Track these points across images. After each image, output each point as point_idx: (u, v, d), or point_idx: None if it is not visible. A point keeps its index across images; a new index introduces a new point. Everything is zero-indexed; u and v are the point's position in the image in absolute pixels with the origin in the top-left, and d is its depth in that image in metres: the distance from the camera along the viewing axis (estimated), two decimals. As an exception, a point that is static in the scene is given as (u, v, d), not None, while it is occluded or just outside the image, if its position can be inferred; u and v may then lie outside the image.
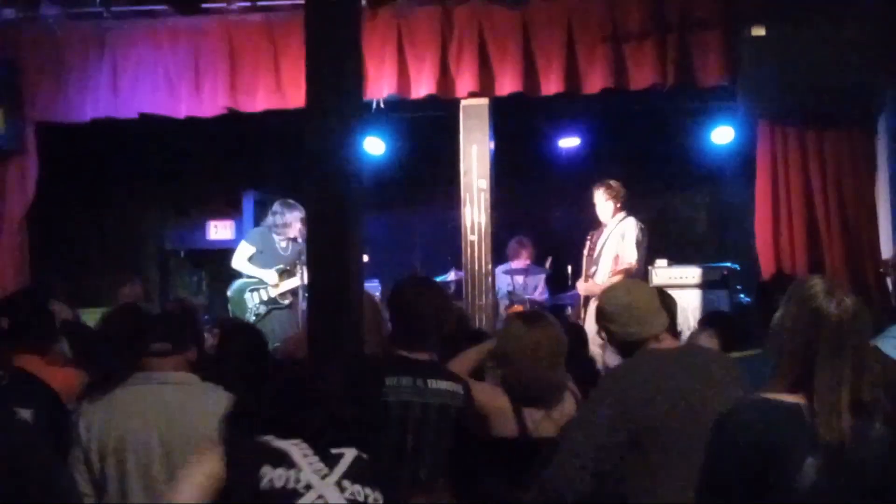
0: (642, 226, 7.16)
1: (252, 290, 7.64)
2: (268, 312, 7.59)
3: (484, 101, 7.23)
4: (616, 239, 7.14)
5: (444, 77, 7.09)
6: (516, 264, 8.71)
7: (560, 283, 8.39)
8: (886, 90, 6.62)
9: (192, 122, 7.58)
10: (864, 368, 2.30)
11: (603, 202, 7.23)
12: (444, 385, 3.47)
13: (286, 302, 7.62)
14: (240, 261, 7.67)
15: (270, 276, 7.56)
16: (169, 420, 3.09)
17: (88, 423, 3.13)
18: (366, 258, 6.35)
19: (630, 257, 7.02)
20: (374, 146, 9.01)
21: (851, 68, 6.23)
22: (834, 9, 6.31)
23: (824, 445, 2.24)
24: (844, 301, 2.32)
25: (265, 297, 7.60)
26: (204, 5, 7.36)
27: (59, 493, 2.43)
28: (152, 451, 3.06)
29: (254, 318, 7.47)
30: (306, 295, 4.37)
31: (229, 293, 7.79)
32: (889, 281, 6.72)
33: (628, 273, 6.97)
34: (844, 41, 6.22)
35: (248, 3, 7.41)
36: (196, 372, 3.36)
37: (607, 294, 3.48)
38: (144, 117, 7.52)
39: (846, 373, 2.27)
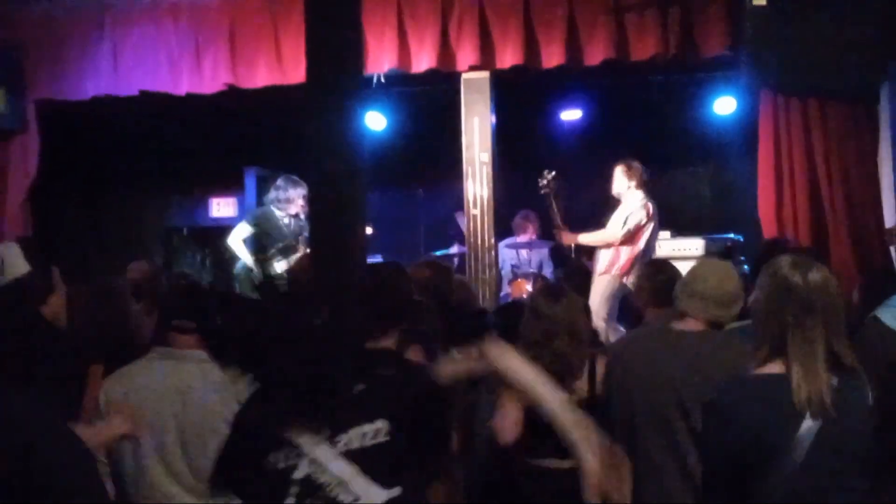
0: (647, 203, 7.07)
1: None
2: (274, 289, 7.60)
3: (485, 74, 7.19)
4: (620, 213, 7.13)
5: (445, 50, 7.05)
6: (522, 238, 8.70)
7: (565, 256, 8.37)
8: (889, 60, 6.59)
9: (194, 100, 7.57)
10: (837, 333, 2.39)
11: (619, 176, 7.16)
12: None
13: (292, 278, 7.60)
14: (235, 240, 7.61)
15: (253, 263, 7.55)
16: (185, 397, 3.10)
17: (107, 395, 3.16)
18: (369, 230, 6.36)
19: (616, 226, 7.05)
20: (376, 121, 9.00)
21: (855, 38, 6.19)
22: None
23: (813, 411, 2.31)
24: (810, 273, 2.43)
25: (272, 274, 7.60)
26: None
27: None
28: (167, 427, 3.08)
29: (260, 294, 7.48)
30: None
31: (236, 270, 7.79)
32: (893, 250, 6.71)
33: (607, 238, 7.00)
34: (848, 11, 6.19)
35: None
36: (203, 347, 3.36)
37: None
38: (145, 95, 7.51)
39: (818, 338, 2.36)
